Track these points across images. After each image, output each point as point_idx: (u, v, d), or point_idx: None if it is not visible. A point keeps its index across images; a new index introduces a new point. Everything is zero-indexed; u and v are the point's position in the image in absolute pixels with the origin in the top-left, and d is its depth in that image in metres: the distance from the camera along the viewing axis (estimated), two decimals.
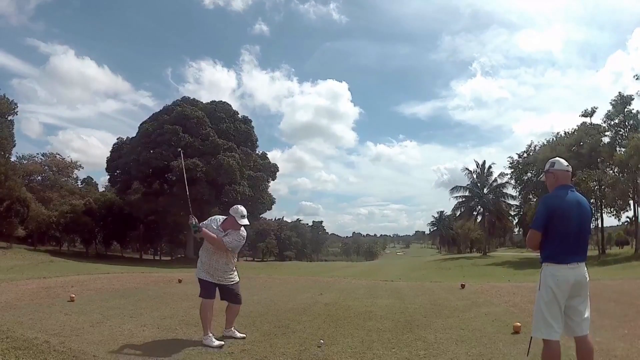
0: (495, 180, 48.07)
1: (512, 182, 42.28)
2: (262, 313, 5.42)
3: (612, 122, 31.11)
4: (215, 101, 42.06)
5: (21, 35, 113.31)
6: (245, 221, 4.10)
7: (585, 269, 2.75)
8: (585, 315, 2.76)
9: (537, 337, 2.72)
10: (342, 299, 6.72)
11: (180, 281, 9.09)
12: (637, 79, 28.98)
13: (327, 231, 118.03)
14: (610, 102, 31.15)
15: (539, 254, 2.83)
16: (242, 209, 4.14)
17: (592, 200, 33.42)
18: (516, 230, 65.94)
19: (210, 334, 3.91)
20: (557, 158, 2.96)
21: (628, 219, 33.59)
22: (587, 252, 2.79)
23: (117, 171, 39.41)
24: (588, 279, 2.75)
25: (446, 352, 3.69)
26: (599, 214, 34.53)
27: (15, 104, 36.90)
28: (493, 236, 55.53)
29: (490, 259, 41.42)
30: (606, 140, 31.64)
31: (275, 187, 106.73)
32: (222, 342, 3.87)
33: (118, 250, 46.11)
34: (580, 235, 2.73)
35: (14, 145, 36.23)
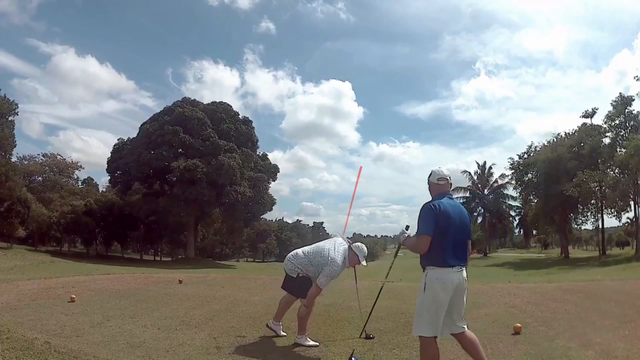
0: (496, 181, 48.19)
1: (513, 182, 42.23)
2: (262, 313, 5.41)
3: (613, 123, 31.05)
4: (215, 102, 42.10)
5: (22, 35, 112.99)
6: (365, 263, 4.25)
7: (465, 272, 2.88)
8: (463, 313, 2.94)
9: (419, 334, 2.80)
10: (343, 300, 6.72)
11: (180, 282, 9.08)
12: (637, 79, 28.93)
13: (327, 232, 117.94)
14: (611, 103, 31.13)
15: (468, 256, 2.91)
16: (366, 250, 4.29)
17: (592, 201, 33.37)
18: (517, 231, 66.03)
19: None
20: (434, 168, 3.04)
21: (628, 220, 33.50)
22: (467, 257, 2.91)
23: (118, 172, 39.43)
24: (467, 281, 2.88)
25: (446, 353, 3.69)
26: (599, 215, 34.47)
27: (16, 104, 37.06)
28: (493, 237, 55.50)
29: (491, 259, 41.40)
30: (607, 141, 31.57)
31: (276, 188, 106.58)
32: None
33: (118, 251, 46.11)
34: (462, 241, 2.88)
35: (15, 146, 36.36)
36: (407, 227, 3.14)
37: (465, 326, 2.94)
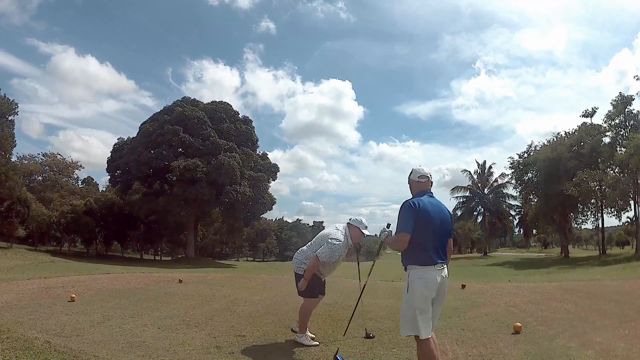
0: (496, 180, 48.16)
1: (513, 182, 42.24)
2: (263, 313, 5.42)
3: (613, 122, 31.04)
4: (215, 101, 42.06)
5: (22, 35, 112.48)
6: (367, 232, 4.09)
7: (447, 270, 2.86)
8: (439, 314, 2.93)
9: (406, 334, 2.78)
10: (343, 299, 6.72)
11: (180, 281, 9.09)
12: (637, 79, 28.95)
13: None
14: (611, 102, 31.10)
15: (450, 256, 2.89)
16: (364, 220, 4.12)
17: (592, 201, 33.35)
18: (516, 230, 66.05)
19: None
20: (415, 167, 3.04)
21: (628, 219, 33.47)
22: (449, 255, 2.90)
23: (118, 171, 39.41)
24: (448, 278, 2.87)
25: (447, 352, 3.69)
26: (599, 214, 34.47)
27: (16, 104, 37.00)
28: (493, 236, 55.49)
29: (491, 259, 41.41)
30: (607, 140, 31.56)
31: (277, 187, 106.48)
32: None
33: (118, 250, 46.13)
34: (442, 238, 2.86)
35: (15, 145, 36.24)
36: (389, 225, 3.14)
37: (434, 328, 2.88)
